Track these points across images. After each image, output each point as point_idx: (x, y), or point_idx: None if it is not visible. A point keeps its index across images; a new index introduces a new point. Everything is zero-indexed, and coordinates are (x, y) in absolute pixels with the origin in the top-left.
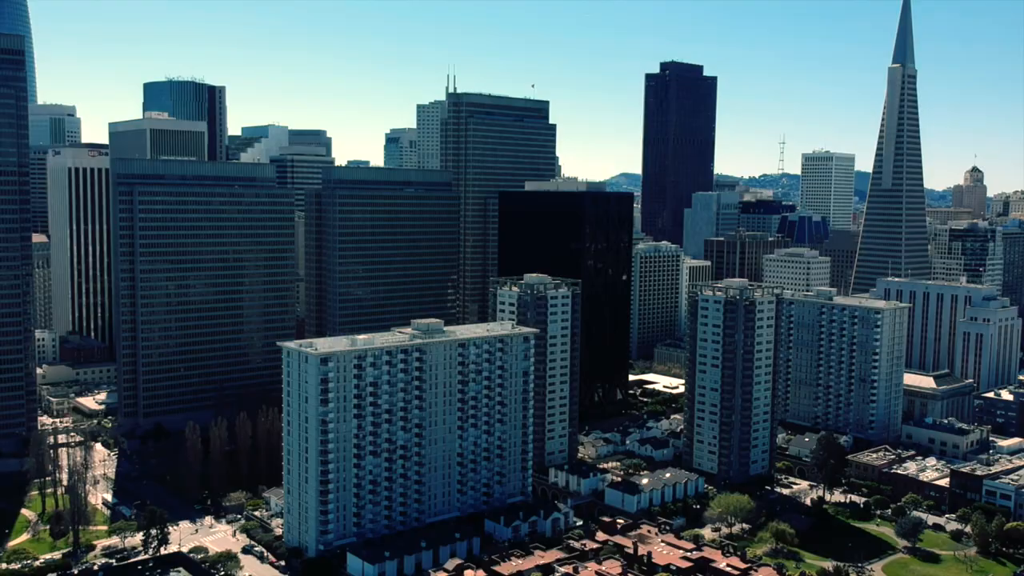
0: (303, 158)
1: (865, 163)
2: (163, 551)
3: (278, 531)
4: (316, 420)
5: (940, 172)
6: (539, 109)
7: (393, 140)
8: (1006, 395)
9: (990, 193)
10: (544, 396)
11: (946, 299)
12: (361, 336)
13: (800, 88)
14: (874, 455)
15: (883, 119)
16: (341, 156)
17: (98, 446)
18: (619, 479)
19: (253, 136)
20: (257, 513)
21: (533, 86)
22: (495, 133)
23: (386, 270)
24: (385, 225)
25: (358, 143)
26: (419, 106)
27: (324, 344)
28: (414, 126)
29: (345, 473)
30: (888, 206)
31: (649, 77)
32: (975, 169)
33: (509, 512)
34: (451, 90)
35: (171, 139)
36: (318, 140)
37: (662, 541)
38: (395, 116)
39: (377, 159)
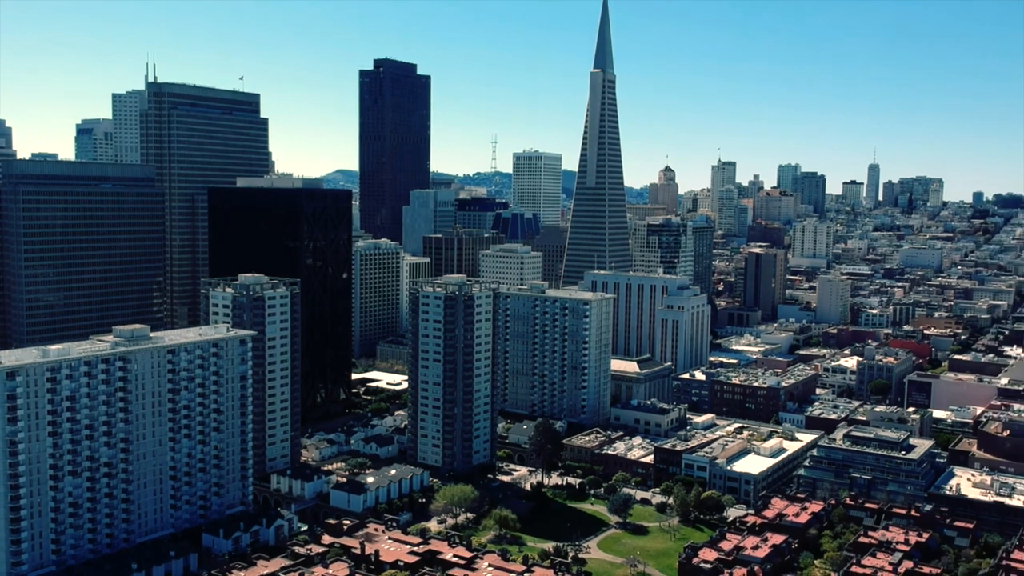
0: None
1: (571, 162)
2: None
3: None
4: (3, 441)
5: (638, 171)
6: (249, 102)
7: (85, 131)
8: (699, 375)
9: (681, 191)
10: (264, 400)
11: (646, 289)
12: (54, 346)
13: (510, 90)
14: (587, 438)
15: (586, 121)
16: (24, 148)
17: None
18: (344, 480)
19: None
20: None
21: (242, 78)
22: (202, 126)
23: (81, 273)
24: (79, 224)
25: (44, 134)
26: (115, 95)
27: (10, 356)
28: (110, 116)
29: (40, 497)
30: (592, 203)
31: (363, 74)
32: (668, 169)
33: (229, 523)
34: (151, 79)
35: None
36: None
37: (389, 538)
38: (87, 106)
39: (67, 152)
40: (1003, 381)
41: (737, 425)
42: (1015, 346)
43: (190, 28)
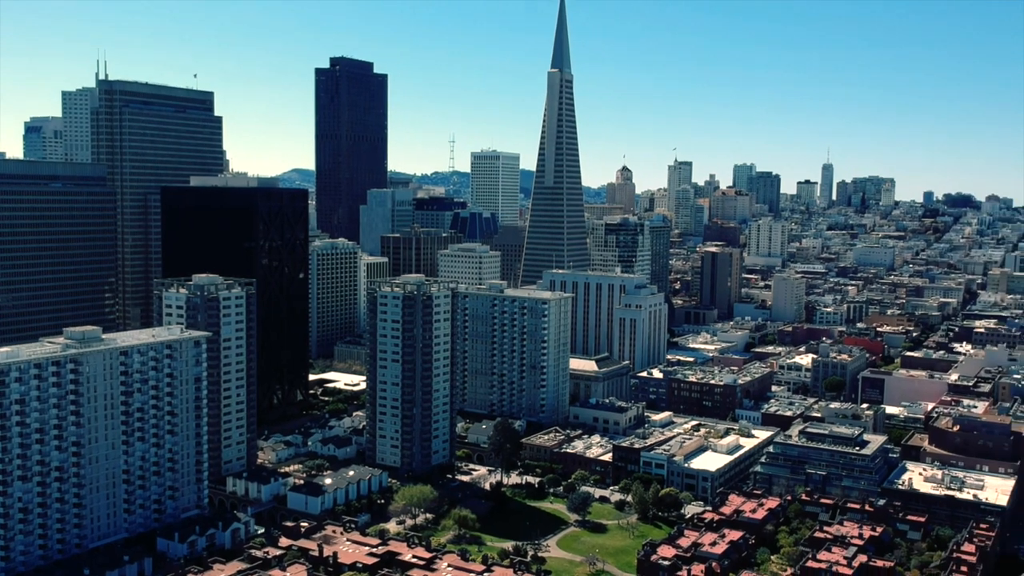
0: None
1: (529, 162)
2: None
3: None
4: None
5: (595, 171)
6: (203, 100)
7: (34, 129)
8: (657, 373)
9: (638, 191)
10: (219, 402)
11: (604, 288)
12: (3, 349)
13: (468, 89)
14: (546, 437)
15: (544, 121)
16: None
17: None
18: (301, 482)
19: None
20: None
21: (196, 76)
22: (154, 124)
23: (31, 274)
24: (27, 224)
25: None
26: (64, 93)
27: None
28: (59, 114)
29: None
30: (551, 203)
31: (319, 72)
32: (625, 168)
33: (184, 527)
34: (102, 77)
35: None
36: None
37: (348, 540)
38: (36, 103)
39: (15, 151)
40: (953, 377)
41: (694, 422)
42: (964, 343)
43: (142, 25)
